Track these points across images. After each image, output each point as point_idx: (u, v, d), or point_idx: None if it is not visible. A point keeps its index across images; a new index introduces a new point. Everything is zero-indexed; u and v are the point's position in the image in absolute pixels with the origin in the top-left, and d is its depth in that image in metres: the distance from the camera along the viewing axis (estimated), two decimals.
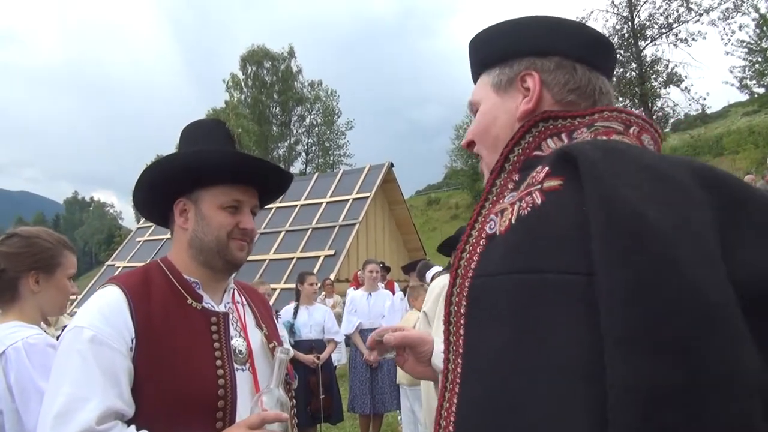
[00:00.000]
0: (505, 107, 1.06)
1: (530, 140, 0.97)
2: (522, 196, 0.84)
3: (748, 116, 35.77)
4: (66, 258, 2.02)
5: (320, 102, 50.15)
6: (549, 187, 0.80)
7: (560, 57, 1.04)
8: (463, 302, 0.88)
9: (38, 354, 1.77)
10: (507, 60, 1.07)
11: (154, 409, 1.34)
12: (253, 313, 1.68)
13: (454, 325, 0.89)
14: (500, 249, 0.84)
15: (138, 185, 1.59)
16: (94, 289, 7.43)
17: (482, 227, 0.92)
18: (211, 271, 1.57)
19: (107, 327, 1.34)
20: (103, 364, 1.30)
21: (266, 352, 1.60)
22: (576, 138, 0.93)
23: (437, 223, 37.66)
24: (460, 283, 0.91)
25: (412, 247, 19.10)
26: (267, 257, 15.64)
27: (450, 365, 0.90)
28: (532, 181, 0.84)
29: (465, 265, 0.91)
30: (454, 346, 0.89)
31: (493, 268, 0.83)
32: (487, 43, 1.12)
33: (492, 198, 0.96)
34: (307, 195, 17.76)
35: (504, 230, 0.85)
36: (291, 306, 6.34)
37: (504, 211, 0.87)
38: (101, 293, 1.44)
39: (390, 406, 6.37)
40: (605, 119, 0.95)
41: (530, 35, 1.07)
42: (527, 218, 0.80)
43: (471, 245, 0.93)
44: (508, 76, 1.06)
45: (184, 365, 1.39)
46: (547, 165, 0.83)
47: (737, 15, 27.41)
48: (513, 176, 0.95)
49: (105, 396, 1.28)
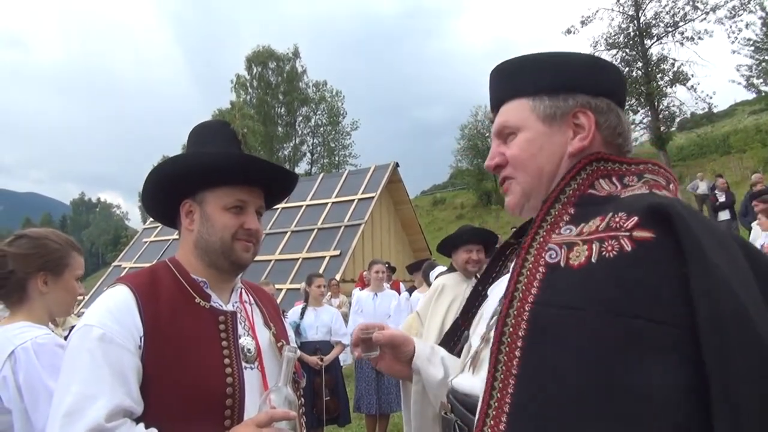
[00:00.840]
0: (554, 140, 1.10)
1: (585, 177, 1.03)
2: (603, 237, 0.88)
3: (755, 115, 35.57)
4: (74, 259, 2.03)
5: (325, 102, 50.17)
6: (641, 237, 0.84)
7: (609, 100, 1.10)
8: (522, 325, 0.91)
9: (47, 354, 1.79)
10: (558, 92, 1.10)
11: (162, 406, 1.35)
12: (261, 312, 1.69)
13: (507, 345, 0.92)
14: (573, 282, 0.88)
15: (145, 187, 1.61)
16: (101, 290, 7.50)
17: (539, 254, 0.96)
18: (217, 272, 1.58)
19: (116, 325, 1.35)
20: (111, 362, 1.31)
21: (274, 351, 1.61)
22: (627, 183, 1.02)
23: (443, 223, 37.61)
24: (518, 306, 0.93)
25: (418, 247, 19.08)
26: (273, 257, 15.66)
27: (497, 383, 0.92)
28: (615, 225, 0.88)
29: (523, 289, 0.94)
30: (505, 366, 0.91)
31: (567, 300, 0.87)
32: (532, 71, 1.14)
33: (546, 226, 1.00)
34: (312, 195, 17.78)
35: (577, 265, 0.89)
36: (299, 306, 6.36)
37: (573, 245, 0.92)
38: (110, 293, 1.46)
39: (396, 406, 6.36)
40: (651, 172, 1.04)
41: (584, 73, 1.11)
42: (614, 261, 0.85)
43: (529, 270, 0.96)
44: (563, 110, 1.09)
45: (192, 363, 1.40)
46: (635, 215, 0.87)
47: (744, 13, 27.26)
48: (568, 209, 1.01)
49: (114, 394, 1.28)
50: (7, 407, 1.75)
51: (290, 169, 1.87)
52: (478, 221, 30.89)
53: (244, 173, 1.56)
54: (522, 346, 0.90)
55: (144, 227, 21.81)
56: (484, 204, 38.79)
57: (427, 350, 1.44)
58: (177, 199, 1.59)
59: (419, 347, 1.44)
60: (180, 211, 1.59)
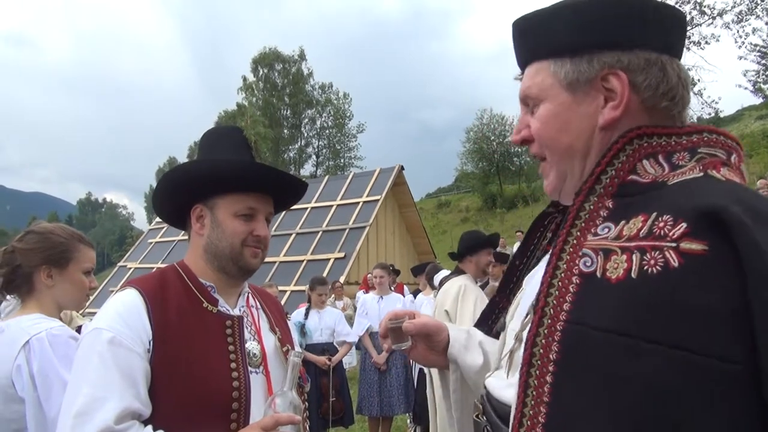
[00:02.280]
0: (581, 110, 0.92)
1: (624, 159, 0.86)
2: (644, 247, 0.74)
3: (762, 120, 35.40)
4: (80, 252, 2.06)
5: (331, 105, 50.27)
6: (689, 250, 0.70)
7: (648, 50, 0.89)
8: (553, 347, 0.80)
9: (61, 345, 1.82)
10: (582, 51, 0.91)
11: (170, 409, 1.38)
12: (267, 317, 1.71)
13: (537, 368, 0.81)
14: (611, 301, 0.75)
15: (158, 190, 1.64)
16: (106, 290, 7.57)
17: (573, 261, 0.83)
18: (225, 276, 1.60)
19: (125, 329, 1.38)
20: (121, 365, 1.34)
21: (280, 355, 1.63)
22: (677, 164, 0.84)
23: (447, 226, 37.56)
24: (549, 324, 0.82)
25: (422, 251, 19.07)
26: (277, 259, 15.68)
27: (527, 410, 0.82)
28: (660, 232, 0.74)
29: (555, 303, 0.82)
30: (535, 391, 0.81)
31: (604, 321, 0.75)
32: (550, 27, 0.95)
33: (580, 224, 0.86)
34: (317, 197, 17.80)
35: (615, 279, 0.76)
36: (303, 308, 6.39)
37: (610, 253, 0.78)
38: (120, 296, 1.48)
39: (398, 409, 6.36)
40: (707, 143, 0.85)
41: (611, 21, 0.90)
42: (658, 279, 0.71)
43: (560, 281, 0.83)
44: (587, 75, 0.91)
45: (199, 367, 1.42)
46: (682, 221, 0.72)
47: (751, 18, 27.17)
48: (605, 201, 0.86)
49: (123, 396, 1.31)
50: (21, 396, 1.78)
51: (297, 173, 1.90)
52: (482, 225, 30.85)
53: (257, 182, 1.59)
54: (554, 371, 0.79)
55: (150, 228, 21.87)
56: (489, 207, 38.72)
57: (463, 336, 1.33)
58: (188, 203, 1.61)
59: (454, 334, 1.33)
60: (190, 215, 1.61)
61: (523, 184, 40.70)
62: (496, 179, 41.30)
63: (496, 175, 41.39)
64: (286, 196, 1.72)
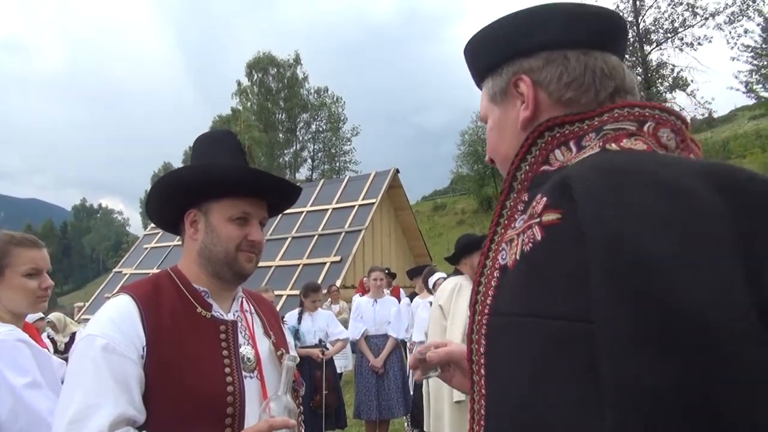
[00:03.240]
0: (508, 118, 0.98)
1: (536, 153, 0.89)
2: (524, 228, 0.78)
3: (755, 120, 35.61)
4: (14, 257, 2.00)
5: (326, 108, 50.33)
6: (548, 221, 0.72)
7: (547, 51, 0.93)
8: (482, 341, 0.83)
9: (7, 349, 1.80)
10: (496, 68, 0.98)
11: (164, 415, 1.37)
12: (261, 321, 1.70)
13: (476, 364, 0.85)
14: (509, 286, 0.79)
15: (151, 196, 1.64)
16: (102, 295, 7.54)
17: (495, 257, 0.86)
18: (219, 281, 1.60)
19: (119, 335, 1.38)
20: (115, 371, 1.34)
21: (274, 360, 1.62)
22: (585, 146, 0.84)
23: (443, 228, 37.62)
24: (478, 320, 0.85)
25: (418, 253, 19.08)
26: (273, 264, 15.66)
27: (475, 405, 0.85)
28: (533, 212, 0.77)
29: (482, 300, 0.86)
30: (477, 386, 0.85)
31: (505, 306, 0.79)
32: (476, 53, 1.04)
33: (503, 222, 0.88)
34: (313, 201, 17.80)
35: (512, 264, 0.79)
36: (296, 311, 6.40)
37: (512, 242, 0.81)
38: (113, 302, 1.48)
39: (396, 412, 6.37)
40: (615, 119, 0.84)
41: (512, 34, 0.96)
42: (530, 255, 0.75)
43: (486, 278, 0.86)
44: (501, 86, 0.98)
45: (193, 373, 1.42)
46: (545, 195, 0.75)
47: (743, 19, 27.34)
48: (522, 196, 0.88)
49: (117, 403, 1.31)
50: None
51: (292, 177, 1.91)
52: (478, 227, 30.90)
53: (252, 187, 1.59)
54: (485, 363, 0.82)
55: (145, 233, 21.82)
56: (485, 209, 38.81)
57: None
58: (182, 208, 1.61)
59: None
60: (184, 220, 1.62)
61: None
62: (491, 181, 41.37)
63: (491, 177, 41.45)
64: (279, 201, 1.73)
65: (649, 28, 28.53)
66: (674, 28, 28.02)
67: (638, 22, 28.54)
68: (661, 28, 28.37)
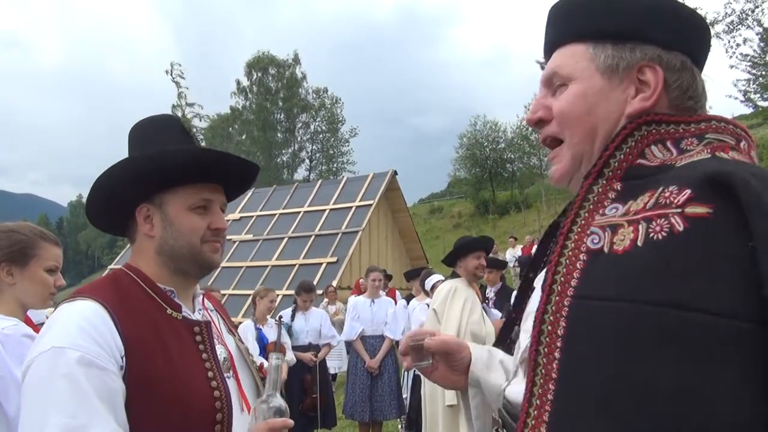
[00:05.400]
0: (612, 96, 0.93)
1: (632, 145, 0.89)
2: (650, 216, 0.76)
3: (753, 129, 35.74)
4: (43, 249, 2.02)
5: (325, 109, 50.32)
6: (695, 214, 0.71)
7: (686, 56, 0.92)
8: (560, 323, 0.81)
9: (13, 344, 1.80)
10: (624, 40, 0.93)
11: (151, 427, 1.25)
12: (222, 319, 1.63)
13: (545, 346, 0.82)
14: (617, 271, 0.76)
15: (91, 200, 1.47)
16: None
17: (580, 239, 0.84)
18: (183, 278, 1.48)
19: (94, 346, 1.20)
20: (97, 387, 1.17)
21: (242, 357, 1.56)
22: (685, 148, 0.85)
23: (440, 231, 37.57)
24: (556, 301, 0.82)
25: (415, 256, 19.07)
26: (269, 263, 15.63)
27: (536, 389, 0.82)
28: (665, 201, 0.76)
29: (562, 281, 0.83)
30: (544, 369, 0.81)
31: (609, 291, 0.75)
32: (596, 10, 0.96)
33: (588, 206, 0.87)
34: (310, 202, 17.78)
35: (622, 250, 0.77)
36: (289, 309, 6.42)
37: (617, 227, 0.80)
38: (75, 309, 1.28)
39: (389, 414, 6.36)
40: (715, 131, 0.86)
41: (659, 20, 0.92)
42: (664, 244, 0.72)
43: (568, 259, 0.84)
44: (628, 62, 0.92)
45: (177, 379, 1.30)
46: (687, 187, 0.74)
47: (742, 28, 27.45)
48: (614, 184, 0.88)
49: (107, 422, 1.16)
50: None
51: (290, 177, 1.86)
52: (475, 230, 30.90)
53: (210, 170, 1.45)
54: (561, 346, 0.79)
55: None
56: (482, 213, 38.80)
57: (485, 355, 1.25)
58: (130, 204, 1.45)
59: (476, 352, 1.25)
60: (135, 218, 1.45)
61: (516, 190, 40.82)
62: (488, 185, 41.39)
63: (488, 181, 41.48)
64: (237, 182, 1.57)
65: None
66: None
67: None
68: None
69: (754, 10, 26.63)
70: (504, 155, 41.95)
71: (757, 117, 34.87)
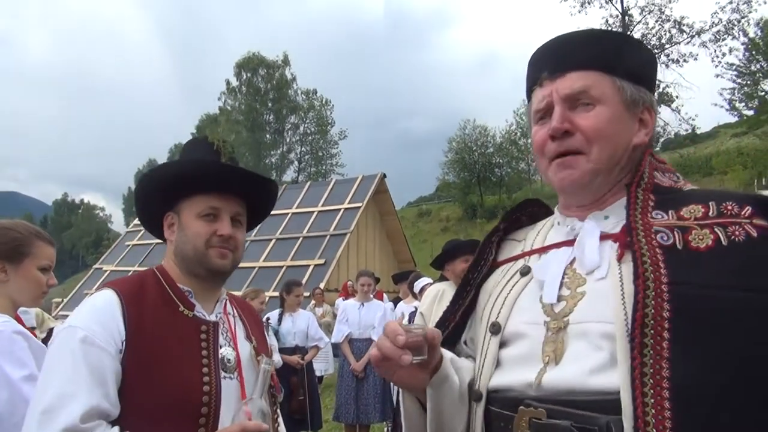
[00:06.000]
0: (626, 126, 1.11)
1: (648, 168, 1.10)
2: (724, 223, 0.96)
3: (737, 137, 36.21)
4: (37, 248, 2.02)
5: (314, 111, 50.24)
6: (761, 225, 0.95)
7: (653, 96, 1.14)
8: (664, 306, 0.90)
9: (4, 341, 1.79)
10: (642, 83, 1.13)
11: (138, 411, 1.37)
12: (243, 325, 1.71)
13: (651, 328, 0.89)
14: (709, 263, 0.92)
15: (135, 204, 1.69)
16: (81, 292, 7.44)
17: (649, 236, 0.99)
18: (198, 280, 1.59)
19: (99, 328, 1.38)
20: (91, 363, 1.34)
21: (254, 364, 1.62)
22: (676, 180, 1.13)
23: (428, 235, 37.69)
24: (655, 287, 0.92)
25: (402, 259, 19.09)
26: (257, 264, 15.58)
27: (647, 369, 0.87)
28: (731, 213, 0.97)
29: (652, 269, 0.94)
30: (653, 349, 0.88)
31: (712, 279, 0.90)
32: (625, 53, 1.13)
33: (638, 209, 1.05)
34: (298, 203, 17.76)
35: (706, 247, 0.94)
36: (276, 312, 6.38)
37: (688, 229, 0.98)
38: (96, 296, 1.49)
39: (374, 417, 6.34)
40: (673, 171, 1.15)
41: (653, 69, 1.18)
42: (747, 244, 0.93)
43: (648, 250, 0.97)
44: (643, 101, 1.12)
45: (171, 370, 1.42)
46: (747, 205, 0.98)
47: (728, 38, 27.83)
48: (649, 195, 1.07)
49: (91, 395, 1.31)
50: None
51: (278, 179, 1.91)
52: (462, 234, 31.00)
53: (215, 179, 1.57)
54: (669, 327, 0.88)
55: (127, 230, 21.63)
56: (470, 217, 39.00)
57: (448, 354, 1.18)
58: (161, 212, 1.64)
59: (447, 353, 1.17)
60: (164, 224, 1.64)
61: (504, 194, 41.07)
62: (476, 189, 41.61)
63: (477, 185, 41.70)
64: (254, 196, 1.68)
65: None
66: (661, 45, 28.40)
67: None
68: (648, 44, 28.74)
69: (740, 20, 27.02)
70: (492, 160, 42.21)
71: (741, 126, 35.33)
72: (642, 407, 0.85)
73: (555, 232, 1.24)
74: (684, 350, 0.86)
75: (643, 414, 0.84)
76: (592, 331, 0.98)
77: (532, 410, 0.98)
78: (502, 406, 1.05)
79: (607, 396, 0.91)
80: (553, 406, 0.96)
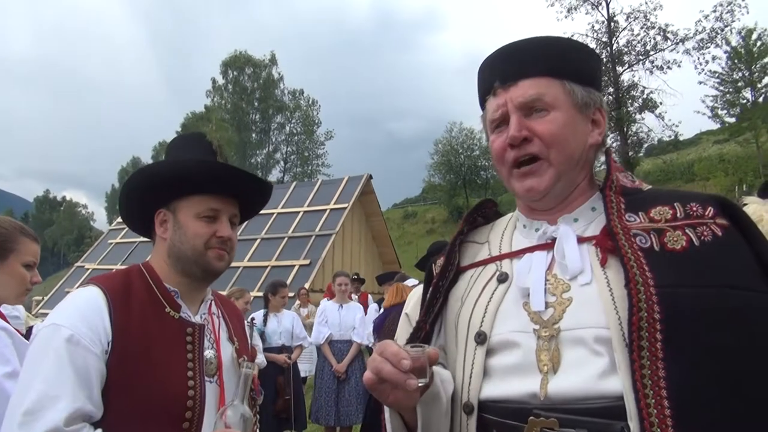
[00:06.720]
0: (581, 128, 1.14)
1: (609, 170, 1.15)
2: (693, 224, 1.02)
3: (719, 144, 36.73)
4: (22, 245, 2.00)
5: (300, 111, 50.09)
6: (722, 224, 1.01)
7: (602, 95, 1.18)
8: (655, 308, 0.92)
9: None
10: (591, 85, 1.16)
11: (122, 413, 1.35)
12: (227, 327, 1.69)
13: (646, 330, 0.91)
14: (686, 264, 0.97)
15: (120, 199, 1.64)
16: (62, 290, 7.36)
17: (628, 239, 1.02)
18: (189, 280, 1.58)
19: (85, 328, 1.36)
20: (77, 364, 1.31)
21: (235, 366, 1.61)
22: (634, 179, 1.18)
23: (413, 237, 37.74)
24: (644, 290, 0.94)
25: (388, 260, 19.09)
26: (241, 264, 15.48)
27: (645, 371, 0.90)
28: (697, 214, 1.03)
29: (640, 273, 0.96)
30: (648, 351, 0.91)
31: (692, 280, 0.95)
32: (574, 55, 1.17)
33: (615, 212, 1.08)
34: (284, 203, 17.67)
35: (681, 249, 0.99)
36: (260, 313, 6.35)
37: (662, 231, 1.02)
38: (82, 293, 1.45)
39: (356, 418, 6.31)
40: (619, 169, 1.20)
41: (600, 70, 1.22)
42: (713, 244, 0.99)
43: (633, 255, 1.00)
44: (594, 103, 1.16)
45: (156, 373, 1.40)
46: (709, 206, 1.04)
47: (711, 46, 28.23)
48: (619, 198, 1.11)
49: (76, 397, 1.28)
50: None
51: (263, 177, 1.90)
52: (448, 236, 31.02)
53: (218, 182, 1.57)
54: (661, 329, 0.91)
55: (110, 228, 21.36)
56: (455, 219, 39.05)
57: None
58: (152, 208, 1.60)
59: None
60: (154, 221, 1.60)
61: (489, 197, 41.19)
62: (462, 192, 41.74)
63: (462, 187, 41.83)
64: (250, 198, 1.69)
65: (622, 49, 29.16)
66: (646, 51, 28.72)
67: (612, 43, 29.16)
68: (633, 50, 29.02)
69: (723, 29, 27.42)
70: (478, 162, 42.39)
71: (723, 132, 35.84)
72: (646, 409, 0.87)
73: (522, 235, 1.23)
74: (676, 350, 0.90)
75: (648, 416, 0.87)
76: (586, 338, 0.99)
77: (542, 420, 0.96)
78: (504, 417, 1.02)
79: (611, 401, 0.92)
80: (563, 415, 0.95)
